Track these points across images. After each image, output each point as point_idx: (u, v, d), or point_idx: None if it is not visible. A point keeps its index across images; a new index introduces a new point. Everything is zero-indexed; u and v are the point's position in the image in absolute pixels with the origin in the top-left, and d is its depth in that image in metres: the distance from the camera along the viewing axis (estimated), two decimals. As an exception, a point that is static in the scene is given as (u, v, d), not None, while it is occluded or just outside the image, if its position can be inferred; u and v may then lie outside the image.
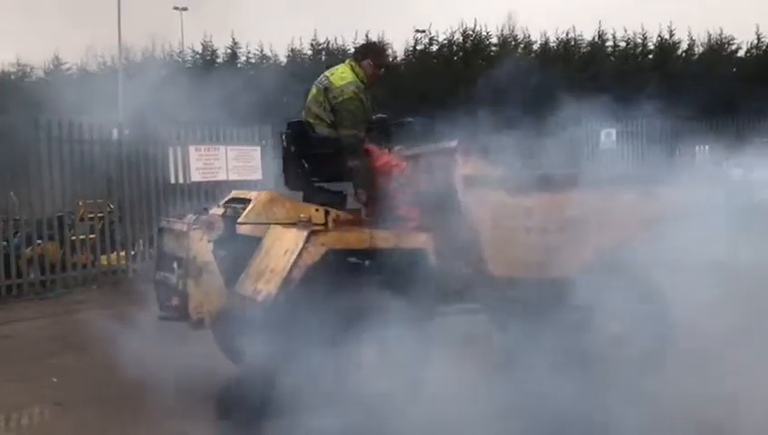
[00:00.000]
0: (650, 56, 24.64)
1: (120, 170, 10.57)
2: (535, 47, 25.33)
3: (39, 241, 9.61)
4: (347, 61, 5.26)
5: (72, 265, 9.90)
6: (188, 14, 29.56)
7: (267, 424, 4.14)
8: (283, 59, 24.75)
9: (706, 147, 19.40)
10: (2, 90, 23.69)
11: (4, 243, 9.33)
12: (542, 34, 25.36)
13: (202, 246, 4.45)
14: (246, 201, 4.78)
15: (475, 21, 25.76)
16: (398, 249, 4.57)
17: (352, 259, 4.51)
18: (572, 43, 25.15)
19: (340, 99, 4.93)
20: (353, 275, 4.48)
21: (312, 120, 5.04)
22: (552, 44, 25.17)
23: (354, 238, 4.52)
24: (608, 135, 19.62)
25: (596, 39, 25.14)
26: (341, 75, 5.05)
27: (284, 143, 5.18)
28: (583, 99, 19.22)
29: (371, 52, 5.29)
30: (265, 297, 4.22)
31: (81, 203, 10.29)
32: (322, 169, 4.97)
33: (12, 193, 9.69)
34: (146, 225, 10.71)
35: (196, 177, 11.21)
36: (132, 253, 10.60)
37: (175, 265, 4.68)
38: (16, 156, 9.52)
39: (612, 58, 24.79)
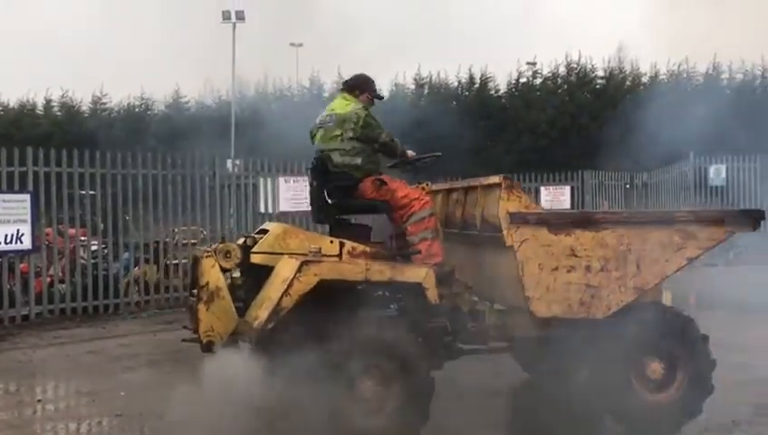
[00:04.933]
0: (770, 88, 23.35)
1: (215, 200, 11.24)
2: (644, 79, 24.60)
3: (136, 267, 10.39)
4: (339, 96, 5.35)
5: (166, 288, 10.59)
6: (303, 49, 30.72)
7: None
8: (385, 93, 25.32)
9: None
10: (128, 122, 25.63)
11: (104, 264, 10.14)
12: (653, 66, 24.66)
13: (214, 273, 4.60)
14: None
15: (580, 53, 25.29)
16: (394, 283, 4.61)
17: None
18: (684, 75, 24.26)
19: (360, 121, 5.01)
20: (349, 306, 4.53)
21: (329, 152, 5.08)
22: (662, 76, 24.39)
23: (348, 270, 4.56)
24: (717, 171, 18.75)
25: (710, 71, 24.15)
26: (345, 105, 5.16)
27: (309, 178, 5.33)
28: (691, 133, 18.45)
29: (367, 85, 5.36)
30: (259, 324, 4.38)
31: (176, 230, 10.99)
32: (341, 202, 5.06)
33: (127, 217, 10.58)
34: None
35: (284, 207, 11.72)
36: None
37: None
38: (134, 185, 10.50)
39: (728, 91, 23.65)
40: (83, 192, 10.22)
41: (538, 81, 25.42)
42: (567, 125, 23.20)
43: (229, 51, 23.73)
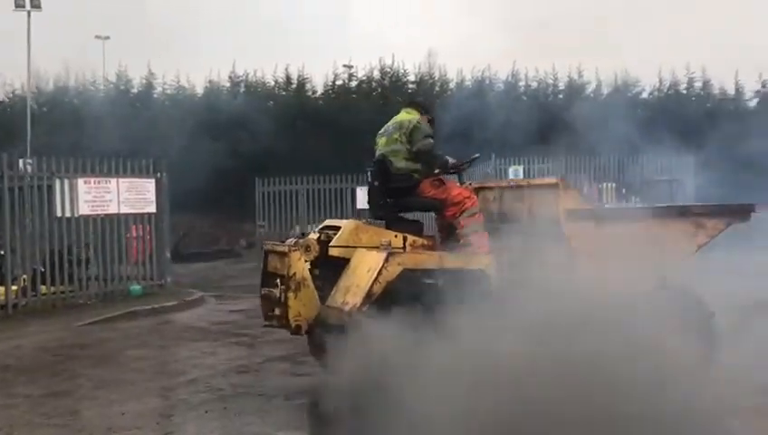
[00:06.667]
0: (560, 96, 25.54)
1: (3, 204, 10.25)
2: (451, 85, 25.92)
3: None
4: (402, 110, 6.14)
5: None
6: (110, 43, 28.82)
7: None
8: (200, 90, 24.61)
9: (612, 184, 20.27)
10: None
11: None
12: (459, 72, 26.04)
13: (300, 265, 5.28)
14: (337, 228, 5.64)
15: (393, 57, 26.18)
16: (464, 270, 5.27)
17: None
18: (487, 81, 25.86)
19: (411, 126, 5.81)
20: (425, 291, 5.13)
21: (390, 157, 5.78)
22: (467, 82, 25.83)
23: (424, 259, 5.32)
24: (515, 172, 20.20)
25: (510, 78, 25.94)
26: (405, 115, 5.97)
27: (369, 178, 5.93)
28: (493, 136, 19.71)
29: (427, 108, 6.28)
30: (351, 308, 5.01)
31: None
32: (400, 200, 5.80)
33: None
34: (29, 260, 10.49)
35: (84, 210, 10.97)
36: (14, 287, 10.26)
37: (278, 281, 5.43)
38: None
39: (525, 97, 25.54)
40: None
41: (354, 83, 25.93)
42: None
43: (24, 41, 21.82)
